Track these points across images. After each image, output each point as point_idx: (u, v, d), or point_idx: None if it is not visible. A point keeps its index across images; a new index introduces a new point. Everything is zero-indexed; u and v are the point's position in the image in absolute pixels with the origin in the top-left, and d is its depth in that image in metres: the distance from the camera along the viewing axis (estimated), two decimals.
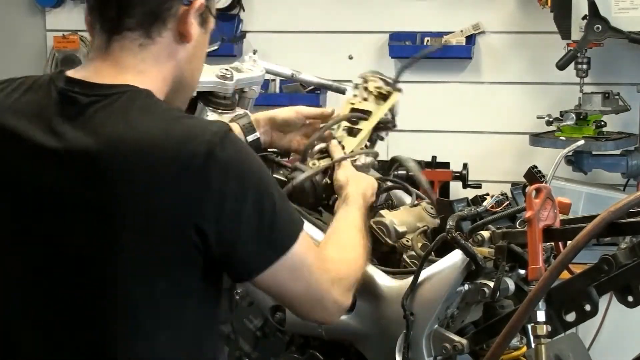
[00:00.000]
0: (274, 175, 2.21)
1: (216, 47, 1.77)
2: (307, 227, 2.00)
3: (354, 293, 1.76)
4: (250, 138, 2.15)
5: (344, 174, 2.03)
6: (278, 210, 1.54)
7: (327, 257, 1.71)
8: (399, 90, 2.24)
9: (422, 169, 2.28)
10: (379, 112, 2.21)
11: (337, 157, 2.08)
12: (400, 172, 2.25)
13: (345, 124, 2.19)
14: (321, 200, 2.09)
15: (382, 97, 2.27)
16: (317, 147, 2.13)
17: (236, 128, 2.12)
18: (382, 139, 2.23)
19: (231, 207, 1.48)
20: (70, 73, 1.57)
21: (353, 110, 2.22)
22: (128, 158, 1.46)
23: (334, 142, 2.12)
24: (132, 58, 1.56)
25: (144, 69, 1.56)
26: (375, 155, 2.16)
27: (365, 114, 2.20)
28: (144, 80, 1.56)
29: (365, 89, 2.28)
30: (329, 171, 2.08)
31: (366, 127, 2.18)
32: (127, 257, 1.49)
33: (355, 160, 2.10)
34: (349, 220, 1.89)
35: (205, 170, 1.46)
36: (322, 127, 2.15)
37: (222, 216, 1.48)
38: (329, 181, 2.06)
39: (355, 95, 2.29)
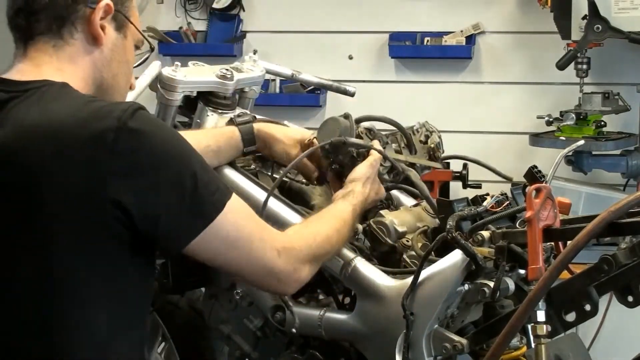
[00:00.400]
0: (274, 175, 2.22)
1: (146, 57, 1.81)
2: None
3: (312, 267, 1.77)
4: (248, 149, 2.16)
5: (365, 171, 2.03)
6: (200, 180, 1.56)
7: (285, 231, 1.75)
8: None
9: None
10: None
11: (377, 147, 2.07)
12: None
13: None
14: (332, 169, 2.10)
15: (430, 154, 2.28)
16: None
17: (237, 135, 2.14)
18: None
19: (147, 179, 1.51)
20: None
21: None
22: (40, 144, 1.51)
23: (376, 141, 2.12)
24: (48, 57, 1.64)
25: (61, 67, 1.63)
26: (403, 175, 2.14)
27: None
28: (62, 77, 1.62)
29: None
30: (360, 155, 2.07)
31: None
32: (53, 241, 1.52)
33: (383, 165, 2.09)
34: (336, 210, 1.91)
35: (116, 145, 1.49)
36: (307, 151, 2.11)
37: (139, 189, 1.51)
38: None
39: (416, 131, 2.30)
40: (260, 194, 2.08)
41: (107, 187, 1.49)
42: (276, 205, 2.07)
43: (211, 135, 2.16)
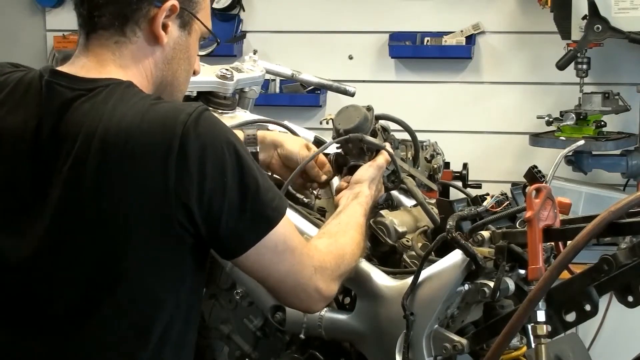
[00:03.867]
0: (275, 175, 2.22)
1: (210, 50, 1.77)
2: (307, 226, 2.01)
3: (339, 285, 1.76)
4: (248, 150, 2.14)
5: (371, 172, 2.02)
6: (261, 187, 1.56)
7: (316, 244, 1.73)
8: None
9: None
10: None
11: (388, 147, 2.06)
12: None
13: None
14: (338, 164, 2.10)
15: (430, 174, 2.27)
16: None
17: (240, 135, 2.11)
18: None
19: (212, 184, 1.50)
20: (59, 68, 1.62)
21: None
22: (107, 148, 1.50)
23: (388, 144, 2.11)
24: (110, 54, 1.61)
25: (124, 64, 1.61)
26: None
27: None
28: (126, 75, 1.60)
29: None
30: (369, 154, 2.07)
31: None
32: (126, 248, 1.51)
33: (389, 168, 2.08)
34: (353, 216, 1.90)
35: (183, 151, 1.48)
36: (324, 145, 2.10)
37: (204, 194, 1.50)
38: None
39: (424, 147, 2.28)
40: None
41: (176, 193, 1.49)
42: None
43: None
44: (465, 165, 3.81)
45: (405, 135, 2.22)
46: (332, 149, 2.12)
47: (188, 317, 1.62)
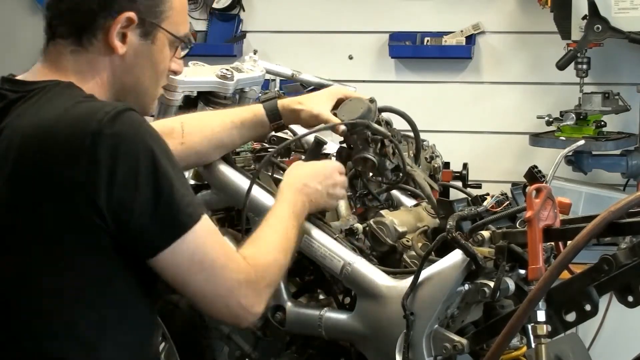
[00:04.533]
0: (275, 175, 2.22)
1: (186, 51, 1.80)
2: (314, 230, 2.01)
3: (267, 298, 1.72)
4: (275, 124, 2.12)
5: (307, 170, 2.00)
6: (176, 192, 1.56)
7: (244, 255, 1.69)
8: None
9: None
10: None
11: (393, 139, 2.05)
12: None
13: None
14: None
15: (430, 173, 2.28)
16: None
17: (262, 112, 2.11)
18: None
19: (123, 184, 1.51)
20: (17, 75, 1.68)
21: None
22: (28, 145, 1.54)
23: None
24: (66, 61, 1.65)
25: (81, 71, 1.65)
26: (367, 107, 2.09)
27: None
28: (81, 81, 1.64)
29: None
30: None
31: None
32: (35, 243, 1.54)
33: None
34: (274, 218, 1.86)
35: (94, 148, 1.50)
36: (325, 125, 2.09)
37: (114, 194, 1.51)
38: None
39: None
40: (259, 193, 2.08)
41: (86, 189, 1.51)
42: (263, 196, 2.07)
43: (236, 112, 2.14)
44: (465, 165, 3.80)
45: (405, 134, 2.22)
46: (333, 149, 2.13)
47: (122, 321, 1.61)
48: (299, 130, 2.28)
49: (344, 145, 2.09)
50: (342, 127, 2.04)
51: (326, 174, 2.00)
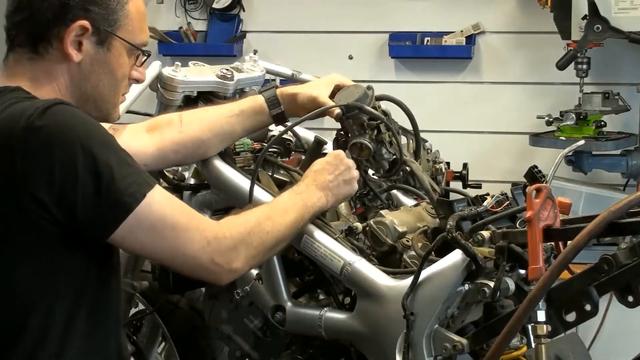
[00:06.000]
0: (275, 175, 2.22)
1: (143, 60, 1.82)
2: (314, 230, 2.01)
3: (248, 257, 1.76)
4: (274, 112, 2.13)
5: (329, 160, 2.02)
6: (116, 171, 1.59)
7: (215, 221, 1.76)
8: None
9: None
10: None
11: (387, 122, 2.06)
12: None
13: None
14: None
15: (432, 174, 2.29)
16: None
17: (261, 100, 2.12)
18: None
19: (62, 174, 1.55)
20: None
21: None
22: None
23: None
24: (23, 68, 1.70)
25: (36, 78, 1.69)
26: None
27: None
28: (36, 88, 1.68)
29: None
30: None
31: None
32: None
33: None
34: (275, 201, 1.93)
35: (27, 143, 1.54)
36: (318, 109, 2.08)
37: (55, 184, 1.55)
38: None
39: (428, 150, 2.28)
40: (259, 193, 2.09)
41: (24, 185, 1.54)
42: (263, 196, 2.08)
43: (235, 102, 2.16)
44: (465, 165, 3.80)
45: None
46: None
47: (75, 312, 1.64)
48: (298, 130, 2.28)
49: (341, 132, 2.09)
50: (337, 111, 2.05)
51: (332, 163, 2.01)
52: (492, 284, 1.79)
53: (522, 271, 1.82)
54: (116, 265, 1.77)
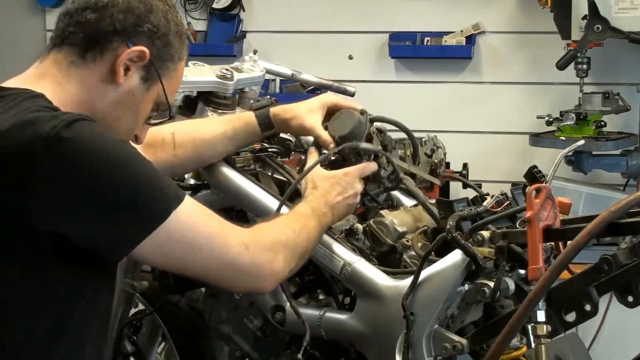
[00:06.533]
0: (274, 175, 2.22)
1: (158, 122, 1.77)
2: None
3: (288, 260, 1.73)
4: (266, 133, 2.13)
5: (306, 178, 2.01)
6: (140, 189, 1.53)
7: (246, 228, 1.71)
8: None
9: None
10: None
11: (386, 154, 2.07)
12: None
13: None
14: None
15: (431, 169, 2.28)
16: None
17: (254, 122, 2.12)
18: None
19: (76, 190, 1.48)
20: (5, 82, 1.64)
21: None
22: None
23: (311, 148, 2.10)
24: (57, 71, 1.63)
25: (63, 82, 1.62)
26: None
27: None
28: (56, 92, 1.60)
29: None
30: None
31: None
32: None
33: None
34: (291, 210, 1.89)
35: (44, 153, 1.47)
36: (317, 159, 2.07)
37: (68, 200, 1.48)
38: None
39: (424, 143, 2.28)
40: (259, 194, 2.09)
41: (34, 198, 1.47)
42: (263, 196, 2.09)
43: (228, 121, 2.15)
44: (465, 165, 3.80)
45: (403, 135, 2.22)
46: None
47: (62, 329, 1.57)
48: None
49: (337, 157, 2.08)
50: (332, 145, 2.05)
51: (342, 184, 1.98)
52: (492, 284, 1.79)
53: (522, 271, 1.82)
54: (113, 281, 1.70)
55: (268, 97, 2.26)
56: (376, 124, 2.13)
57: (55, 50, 1.64)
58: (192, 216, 1.60)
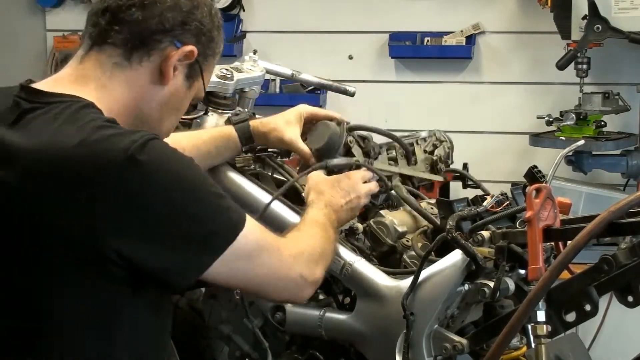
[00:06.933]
0: (275, 175, 2.22)
1: (193, 117, 1.72)
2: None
3: (323, 267, 1.75)
4: (246, 147, 2.14)
5: (307, 184, 2.02)
6: (210, 215, 1.50)
7: (286, 238, 1.72)
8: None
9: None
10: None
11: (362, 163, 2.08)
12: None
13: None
14: None
15: (432, 165, 2.29)
16: None
17: (234, 137, 2.12)
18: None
19: (156, 214, 1.43)
20: (36, 82, 1.56)
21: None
22: (44, 169, 1.42)
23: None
24: (100, 72, 1.54)
25: (108, 85, 1.54)
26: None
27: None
28: (103, 96, 1.53)
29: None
30: None
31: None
32: (46, 275, 1.45)
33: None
34: (308, 218, 1.88)
35: (119, 180, 1.41)
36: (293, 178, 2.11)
37: (146, 224, 1.43)
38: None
39: (422, 140, 2.29)
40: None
41: (105, 220, 1.42)
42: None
43: (209, 139, 2.13)
44: (465, 165, 3.79)
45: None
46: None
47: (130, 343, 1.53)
48: None
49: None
50: (312, 160, 2.08)
51: (346, 189, 1.99)
52: (492, 284, 1.79)
53: (522, 271, 1.82)
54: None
55: (246, 110, 2.27)
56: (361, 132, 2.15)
57: (96, 50, 1.55)
58: (254, 234, 1.59)
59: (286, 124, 2.12)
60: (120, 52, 1.54)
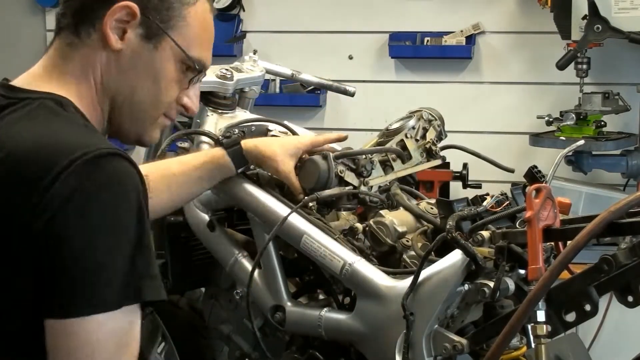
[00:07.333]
0: (274, 175, 2.22)
1: (195, 78, 1.60)
2: (314, 230, 2.01)
3: None
4: (241, 169, 2.13)
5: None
6: (108, 266, 1.30)
7: None
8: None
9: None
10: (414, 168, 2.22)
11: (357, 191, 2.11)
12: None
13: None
14: None
15: (427, 152, 2.28)
16: None
17: (228, 162, 2.11)
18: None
19: (60, 232, 1.29)
20: (17, 78, 1.53)
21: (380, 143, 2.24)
22: (5, 163, 1.34)
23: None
24: (59, 59, 1.52)
25: (70, 71, 1.50)
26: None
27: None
28: (69, 82, 1.49)
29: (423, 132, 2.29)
30: None
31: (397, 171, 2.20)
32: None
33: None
34: None
35: (46, 191, 1.29)
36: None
37: (49, 240, 1.29)
38: None
39: (411, 130, 2.31)
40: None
41: (30, 230, 1.29)
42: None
43: (202, 165, 2.10)
44: (465, 165, 3.80)
45: None
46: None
47: None
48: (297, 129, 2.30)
49: None
50: (301, 196, 2.09)
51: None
52: (492, 284, 1.79)
53: (522, 271, 1.82)
54: None
55: (235, 130, 2.25)
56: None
57: (56, 41, 1.53)
58: (104, 335, 1.30)
59: (283, 156, 2.12)
60: (70, 32, 1.51)
